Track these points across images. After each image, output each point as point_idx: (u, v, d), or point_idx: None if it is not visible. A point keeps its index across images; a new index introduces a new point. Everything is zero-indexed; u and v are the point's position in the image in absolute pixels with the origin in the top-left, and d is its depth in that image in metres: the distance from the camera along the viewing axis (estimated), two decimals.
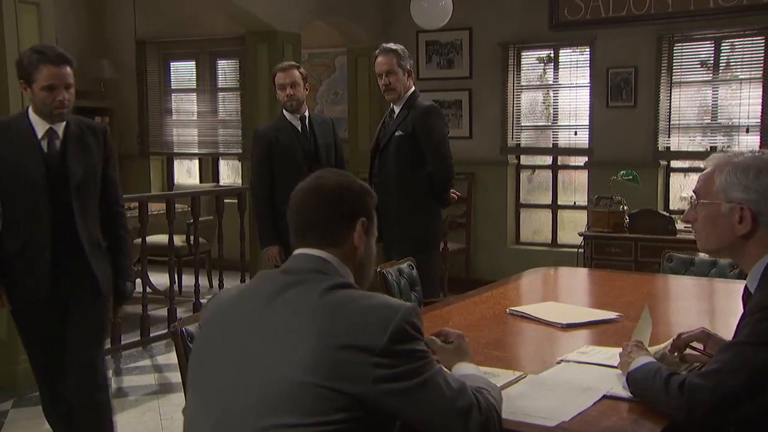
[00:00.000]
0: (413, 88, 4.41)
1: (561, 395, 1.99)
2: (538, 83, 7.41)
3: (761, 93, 6.37)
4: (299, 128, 4.62)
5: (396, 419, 1.60)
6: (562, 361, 2.28)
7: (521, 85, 7.37)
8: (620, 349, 2.33)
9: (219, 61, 8.87)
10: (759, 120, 6.38)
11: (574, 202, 7.35)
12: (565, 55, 7.22)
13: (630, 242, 5.16)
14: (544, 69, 7.36)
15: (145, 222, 5.71)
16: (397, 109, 4.39)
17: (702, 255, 3.98)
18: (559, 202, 7.44)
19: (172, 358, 5.51)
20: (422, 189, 4.34)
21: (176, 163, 9.38)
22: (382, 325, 1.53)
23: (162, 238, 6.64)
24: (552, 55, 7.26)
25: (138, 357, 5.53)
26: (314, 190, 1.70)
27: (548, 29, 7.01)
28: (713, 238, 1.99)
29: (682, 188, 6.78)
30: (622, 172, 5.38)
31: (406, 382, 1.53)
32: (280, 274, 1.68)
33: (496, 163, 7.43)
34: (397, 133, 4.31)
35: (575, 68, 7.17)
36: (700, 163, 6.75)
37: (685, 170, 6.95)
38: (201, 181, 9.12)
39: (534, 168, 7.64)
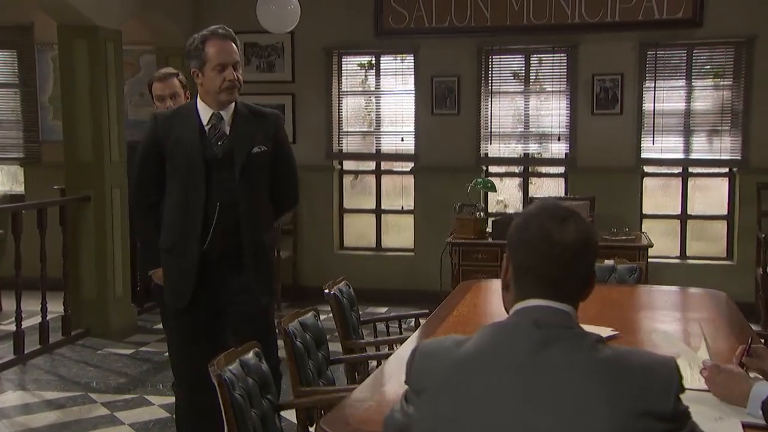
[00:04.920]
0: None
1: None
2: (361, 89, 7.44)
3: (567, 104, 6.98)
4: None
5: None
6: None
7: (344, 91, 7.36)
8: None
9: None
10: (567, 129, 6.98)
11: (402, 207, 7.51)
12: (388, 62, 7.33)
13: (495, 248, 5.39)
14: (365, 75, 7.42)
15: None
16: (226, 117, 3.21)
17: (606, 261, 4.30)
18: (383, 207, 7.55)
19: (9, 399, 4.79)
20: (272, 217, 3.45)
21: None
22: (666, 386, 1.45)
23: None
24: (373, 61, 7.34)
25: None
26: (561, 244, 1.52)
27: (373, 37, 7.07)
28: None
29: (499, 192, 7.19)
30: (479, 180, 5.59)
31: None
32: (533, 327, 1.50)
33: (322, 168, 7.36)
34: (255, 150, 3.21)
35: (399, 75, 7.32)
36: (515, 168, 7.27)
37: (501, 175, 7.40)
38: None
39: (357, 173, 7.68)
